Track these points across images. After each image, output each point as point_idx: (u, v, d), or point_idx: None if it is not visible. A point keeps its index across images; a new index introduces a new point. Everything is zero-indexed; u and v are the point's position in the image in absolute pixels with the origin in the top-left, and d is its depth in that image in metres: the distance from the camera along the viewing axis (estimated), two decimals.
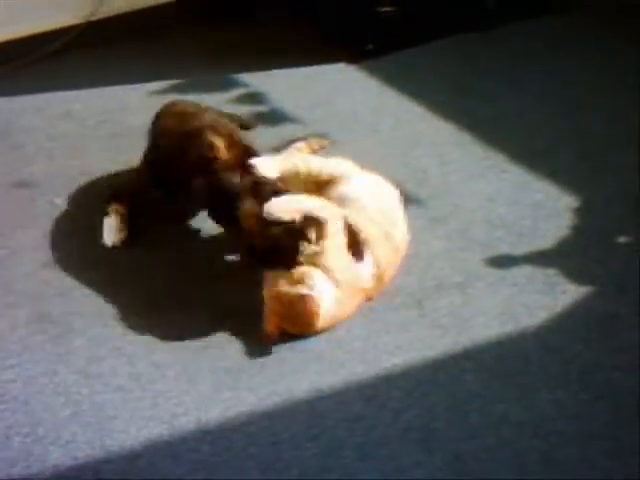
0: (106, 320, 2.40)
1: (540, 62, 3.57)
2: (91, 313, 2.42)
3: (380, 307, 2.42)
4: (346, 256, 2.37)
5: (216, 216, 2.61)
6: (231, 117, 2.98)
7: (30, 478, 1.97)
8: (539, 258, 2.59)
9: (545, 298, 2.44)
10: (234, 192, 2.48)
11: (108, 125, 3.30)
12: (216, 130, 2.68)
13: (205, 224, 2.71)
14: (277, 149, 2.93)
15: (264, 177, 2.50)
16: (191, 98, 3.41)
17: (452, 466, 1.98)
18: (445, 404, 2.14)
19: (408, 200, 2.73)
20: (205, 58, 3.68)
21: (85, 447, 2.04)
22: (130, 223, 2.70)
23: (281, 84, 3.51)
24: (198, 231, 2.71)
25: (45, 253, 2.65)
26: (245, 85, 3.51)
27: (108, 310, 2.43)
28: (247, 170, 2.51)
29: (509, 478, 1.96)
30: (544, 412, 2.12)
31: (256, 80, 3.54)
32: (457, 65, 3.58)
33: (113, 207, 2.71)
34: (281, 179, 2.53)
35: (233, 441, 2.05)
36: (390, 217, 2.52)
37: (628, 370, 2.21)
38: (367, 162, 2.87)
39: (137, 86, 3.54)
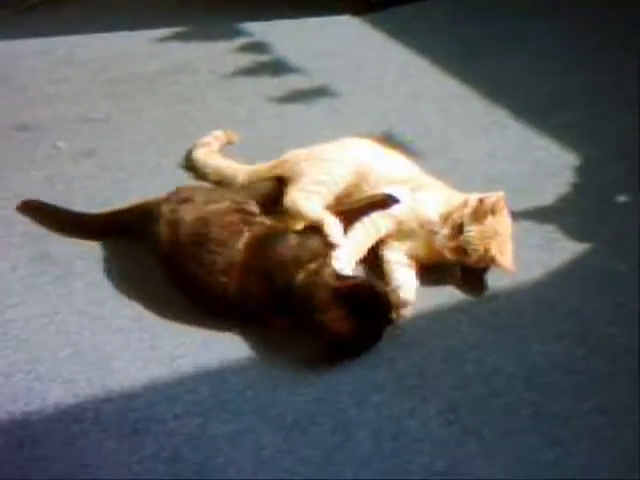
0: (106, 263, 2.41)
1: (546, 17, 3.56)
2: (92, 256, 2.43)
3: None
4: None
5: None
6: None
7: (31, 414, 2.00)
8: (538, 214, 2.60)
9: (542, 254, 2.46)
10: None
11: (110, 71, 3.30)
12: None
13: None
14: None
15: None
16: (194, 46, 3.43)
17: (445, 414, 2.01)
18: (440, 354, 2.17)
19: (409, 154, 2.73)
20: (209, 6, 3.67)
21: (85, 386, 2.06)
22: None
23: (285, 34, 3.51)
24: None
25: (47, 196, 2.66)
26: (249, 34, 3.50)
27: (109, 253, 2.44)
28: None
29: (500, 428, 1.99)
30: (537, 365, 2.14)
31: (260, 29, 3.53)
32: (462, 19, 3.57)
33: None
34: None
35: (231, 384, 2.08)
36: None
37: (623, 326, 2.24)
38: (369, 115, 2.88)
39: (140, 33, 3.53)
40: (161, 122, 3.03)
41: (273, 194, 2.46)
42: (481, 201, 2.33)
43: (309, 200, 2.39)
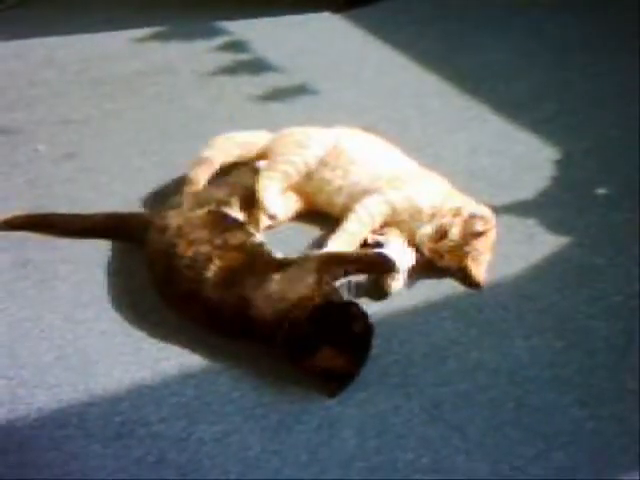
0: (89, 266, 2.41)
1: (527, 14, 3.58)
2: (74, 259, 2.44)
3: None
4: None
5: None
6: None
7: (16, 421, 2.00)
8: (519, 209, 2.62)
9: (523, 248, 2.48)
10: None
11: (90, 72, 3.30)
12: None
13: None
14: None
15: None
16: (173, 46, 3.43)
17: (429, 411, 2.03)
18: (423, 350, 2.18)
19: None
20: (188, 5, 3.67)
21: (69, 390, 2.06)
22: None
23: (264, 32, 3.51)
24: None
25: (28, 199, 2.66)
26: (228, 33, 3.51)
27: (91, 256, 2.45)
28: None
29: (483, 423, 2.00)
30: (519, 359, 2.16)
31: (239, 28, 3.53)
32: (441, 15, 3.59)
33: None
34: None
35: (215, 385, 2.08)
36: None
37: (602, 319, 2.26)
38: (349, 112, 2.89)
39: (119, 33, 3.53)
40: (142, 123, 3.04)
41: (252, 185, 2.48)
42: (472, 219, 2.34)
43: (270, 179, 2.48)
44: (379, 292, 2.31)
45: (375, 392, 2.07)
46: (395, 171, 2.51)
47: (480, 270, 2.35)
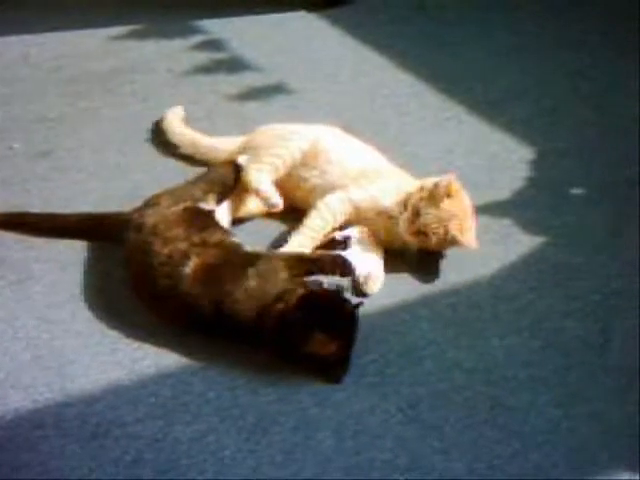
0: (65, 266, 2.40)
1: (500, 14, 3.60)
2: (50, 259, 2.42)
3: None
4: None
5: None
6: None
7: None
8: (494, 209, 2.63)
9: (499, 248, 2.49)
10: None
11: (66, 70, 3.28)
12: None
13: None
14: None
15: None
16: (149, 45, 3.41)
17: (405, 411, 2.03)
18: (399, 350, 2.18)
19: None
20: (165, 4, 3.65)
21: (45, 391, 2.05)
22: None
23: (242, 31, 3.51)
24: None
25: (2, 198, 2.64)
26: (205, 32, 3.50)
27: (67, 256, 2.43)
28: None
29: (460, 423, 2.01)
30: (495, 359, 2.17)
31: (216, 27, 3.53)
32: (419, 15, 3.60)
33: None
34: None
35: (192, 386, 2.08)
36: None
37: (578, 318, 2.27)
38: (326, 112, 2.89)
39: (95, 31, 3.51)
40: (118, 121, 3.02)
41: (231, 181, 2.49)
42: (436, 185, 2.36)
43: (259, 172, 2.48)
44: (357, 293, 2.31)
45: (351, 392, 2.07)
46: (363, 169, 2.51)
47: (468, 237, 2.34)
